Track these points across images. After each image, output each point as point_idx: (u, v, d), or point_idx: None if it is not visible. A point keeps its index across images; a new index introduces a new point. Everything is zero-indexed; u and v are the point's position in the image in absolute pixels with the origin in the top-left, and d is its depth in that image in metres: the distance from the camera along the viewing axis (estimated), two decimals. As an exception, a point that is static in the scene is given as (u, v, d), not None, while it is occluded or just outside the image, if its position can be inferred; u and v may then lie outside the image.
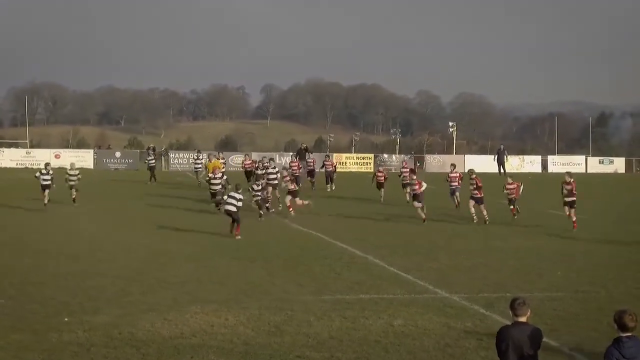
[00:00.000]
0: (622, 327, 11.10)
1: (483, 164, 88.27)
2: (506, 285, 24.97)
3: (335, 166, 64.14)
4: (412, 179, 42.19)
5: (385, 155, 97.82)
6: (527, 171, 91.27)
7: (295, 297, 22.80)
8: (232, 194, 35.23)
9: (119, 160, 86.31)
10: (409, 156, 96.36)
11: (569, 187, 39.76)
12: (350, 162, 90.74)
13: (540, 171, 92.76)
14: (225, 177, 46.13)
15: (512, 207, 42.06)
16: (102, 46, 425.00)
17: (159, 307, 21.17)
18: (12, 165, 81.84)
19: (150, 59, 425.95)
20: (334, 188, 58.96)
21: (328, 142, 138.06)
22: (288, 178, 44.27)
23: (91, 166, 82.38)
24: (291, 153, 79.86)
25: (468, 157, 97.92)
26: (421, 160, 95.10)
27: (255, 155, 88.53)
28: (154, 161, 66.70)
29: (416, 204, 40.50)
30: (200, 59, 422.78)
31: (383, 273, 26.81)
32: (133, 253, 30.35)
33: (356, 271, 27.04)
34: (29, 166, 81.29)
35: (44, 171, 44.87)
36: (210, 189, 45.15)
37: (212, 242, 33.27)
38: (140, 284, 24.39)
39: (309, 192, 53.79)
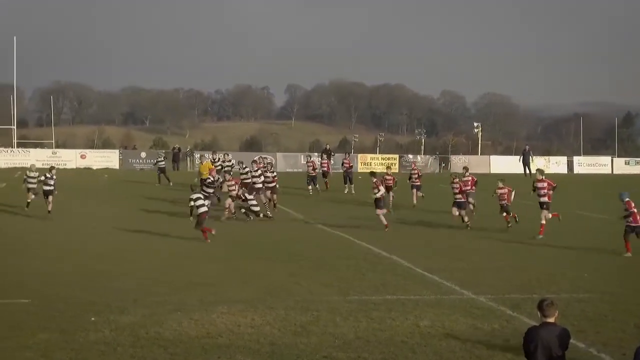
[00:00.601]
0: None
1: (508, 164, 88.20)
2: (532, 286, 24.87)
3: (351, 165, 62.16)
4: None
5: (410, 156, 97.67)
6: (552, 172, 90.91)
7: (321, 298, 22.79)
8: (194, 195, 35.01)
9: (144, 160, 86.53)
10: (431, 157, 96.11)
11: (540, 185, 37.27)
12: (375, 163, 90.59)
13: (566, 172, 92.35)
14: (220, 178, 44.64)
15: (505, 214, 39.07)
16: (127, 46, 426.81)
17: (185, 307, 21.20)
18: (38, 165, 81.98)
19: (174, 59, 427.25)
20: (353, 192, 56.98)
21: (352, 142, 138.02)
22: (233, 182, 42.20)
23: (117, 166, 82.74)
24: (316, 153, 79.88)
25: (493, 157, 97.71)
26: (446, 161, 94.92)
27: (280, 156, 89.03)
28: (163, 162, 65.70)
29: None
30: (224, 59, 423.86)
31: (409, 274, 26.76)
32: (158, 253, 30.43)
33: (382, 272, 27.00)
34: (55, 166, 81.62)
35: (47, 175, 41.78)
36: (204, 191, 40.72)
37: (237, 243, 33.30)
38: (166, 284, 24.43)
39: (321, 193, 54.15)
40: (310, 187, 54.95)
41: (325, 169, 61.12)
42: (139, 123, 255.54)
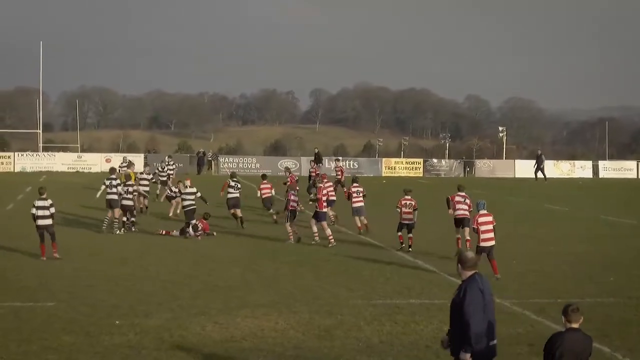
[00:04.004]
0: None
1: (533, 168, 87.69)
2: (557, 290, 24.76)
3: (343, 172, 58.27)
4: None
5: (435, 160, 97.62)
6: (577, 176, 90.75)
7: (345, 302, 22.77)
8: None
9: (169, 164, 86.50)
10: (456, 161, 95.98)
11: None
12: (400, 167, 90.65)
13: (592, 176, 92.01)
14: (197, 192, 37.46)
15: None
16: (152, 50, 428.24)
17: (209, 311, 21.23)
18: (64, 169, 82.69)
19: (199, 63, 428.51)
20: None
21: (377, 146, 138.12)
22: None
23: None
24: (311, 159, 79.30)
25: (518, 162, 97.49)
26: (471, 165, 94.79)
27: (304, 160, 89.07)
28: (170, 172, 58.30)
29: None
30: (249, 63, 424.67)
31: (433, 278, 26.71)
32: (181, 257, 30.47)
33: (406, 276, 26.96)
34: (80, 170, 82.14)
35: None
36: (183, 205, 37.09)
37: (260, 247, 33.31)
38: (190, 288, 24.48)
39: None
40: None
41: (313, 175, 55.68)
42: (163, 127, 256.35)
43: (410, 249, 32.26)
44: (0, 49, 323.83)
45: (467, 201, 31.67)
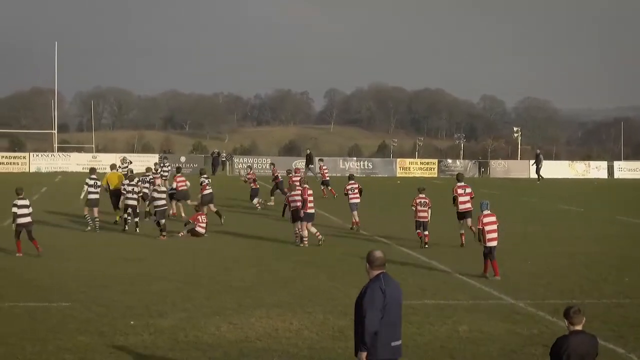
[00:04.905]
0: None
1: (549, 169, 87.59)
2: (572, 291, 24.69)
3: (324, 173, 58.11)
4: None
5: (450, 161, 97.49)
6: (592, 177, 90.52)
7: (359, 302, 22.73)
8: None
9: (183, 165, 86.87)
10: (470, 162, 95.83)
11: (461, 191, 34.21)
12: (414, 168, 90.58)
13: (607, 177, 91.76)
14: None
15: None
16: (167, 51, 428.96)
17: (223, 311, 21.25)
18: (79, 169, 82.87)
19: (214, 63, 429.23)
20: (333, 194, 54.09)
21: (391, 147, 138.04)
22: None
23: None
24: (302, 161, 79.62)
25: (533, 162, 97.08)
26: (485, 166, 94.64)
27: (318, 161, 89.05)
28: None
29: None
30: (264, 64, 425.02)
31: (448, 279, 26.67)
32: (196, 258, 30.47)
33: (421, 276, 26.92)
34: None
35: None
36: (155, 205, 36.28)
37: (274, 247, 33.30)
38: (205, 288, 24.49)
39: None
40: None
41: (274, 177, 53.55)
42: (178, 128, 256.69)
43: (426, 246, 32.84)
44: (16, 50, 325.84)
45: (468, 190, 34.18)
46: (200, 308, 21.68)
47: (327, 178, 57.18)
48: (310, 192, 34.16)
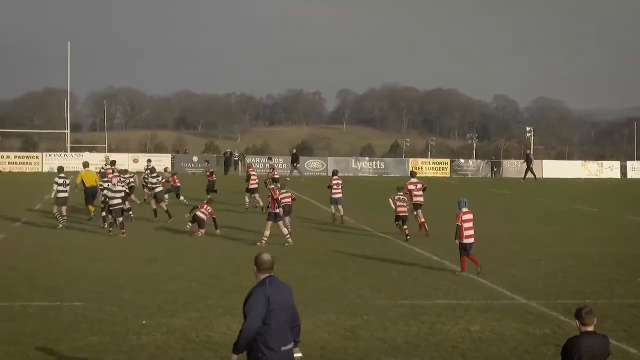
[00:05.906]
0: None
1: (561, 169, 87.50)
2: (585, 291, 24.65)
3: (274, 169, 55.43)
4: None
5: (462, 160, 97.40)
6: (605, 177, 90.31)
7: (371, 302, 22.75)
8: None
9: (196, 164, 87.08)
10: (483, 162, 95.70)
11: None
12: (427, 167, 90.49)
13: (620, 177, 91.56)
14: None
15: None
16: (179, 51, 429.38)
17: (235, 311, 21.14)
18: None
19: (226, 63, 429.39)
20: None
21: (404, 146, 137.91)
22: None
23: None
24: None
25: (545, 162, 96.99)
26: (498, 166, 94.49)
27: (331, 160, 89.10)
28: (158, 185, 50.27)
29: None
30: (276, 64, 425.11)
31: (460, 279, 26.63)
32: (208, 257, 30.48)
33: (433, 276, 26.91)
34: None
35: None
36: (110, 204, 36.46)
37: (286, 247, 33.27)
38: (216, 288, 24.50)
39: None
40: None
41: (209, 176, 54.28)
42: (190, 128, 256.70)
43: (408, 237, 34.95)
44: (29, 51, 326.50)
45: (419, 186, 38.73)
46: (212, 308, 21.69)
47: (275, 175, 55.39)
48: (281, 192, 34.40)
